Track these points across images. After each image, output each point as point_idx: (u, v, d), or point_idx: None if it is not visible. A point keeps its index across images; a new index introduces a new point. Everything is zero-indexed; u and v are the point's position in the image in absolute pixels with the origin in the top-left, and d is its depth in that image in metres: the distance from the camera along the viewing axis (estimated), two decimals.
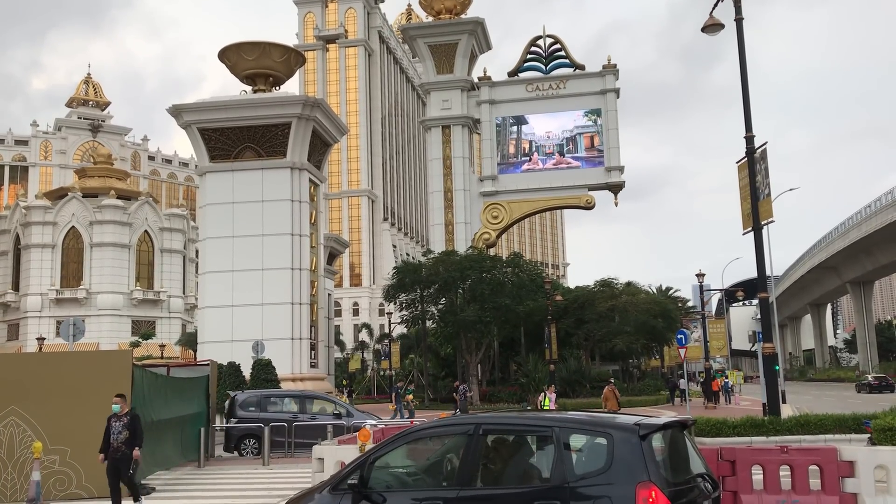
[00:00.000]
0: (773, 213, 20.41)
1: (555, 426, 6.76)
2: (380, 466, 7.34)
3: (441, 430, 7.60)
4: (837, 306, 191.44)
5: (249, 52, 52.58)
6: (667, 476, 6.39)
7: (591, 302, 56.16)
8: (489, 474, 6.99)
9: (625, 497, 6.09)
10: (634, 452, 6.28)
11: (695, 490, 6.69)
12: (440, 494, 6.83)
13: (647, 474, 6.16)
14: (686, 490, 6.53)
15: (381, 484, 7.20)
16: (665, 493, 6.11)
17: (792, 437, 19.74)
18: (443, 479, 7.11)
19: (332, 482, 7.51)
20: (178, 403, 20.36)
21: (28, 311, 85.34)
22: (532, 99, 60.42)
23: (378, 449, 7.49)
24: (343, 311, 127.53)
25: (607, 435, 6.52)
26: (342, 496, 7.22)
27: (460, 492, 6.69)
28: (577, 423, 6.96)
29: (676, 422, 7.09)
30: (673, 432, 6.98)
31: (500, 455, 7.17)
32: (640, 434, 6.39)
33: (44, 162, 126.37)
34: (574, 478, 6.41)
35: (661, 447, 6.70)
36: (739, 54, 19.87)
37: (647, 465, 6.22)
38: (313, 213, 52.07)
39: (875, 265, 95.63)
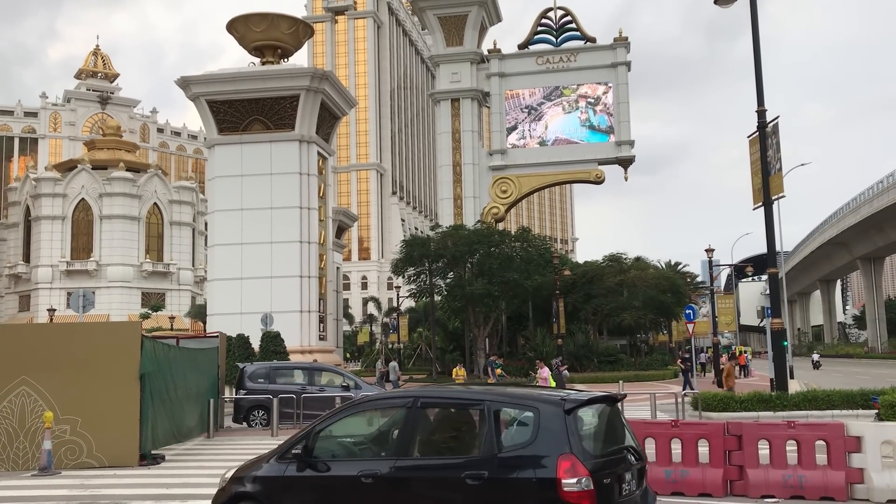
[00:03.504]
0: (783, 188, 20.27)
1: (486, 400, 7.08)
2: (328, 436, 7.75)
3: (381, 403, 8.14)
4: (847, 282, 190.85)
5: (258, 24, 52.25)
6: (590, 448, 6.73)
7: (599, 277, 56.12)
8: (425, 445, 7.37)
9: (547, 467, 6.46)
10: (558, 426, 6.61)
11: (619, 462, 6.98)
12: (378, 463, 7.24)
13: (568, 446, 6.49)
14: (609, 462, 6.84)
15: (328, 453, 7.62)
16: (585, 465, 6.46)
17: (799, 412, 19.79)
18: (384, 449, 7.50)
19: (279, 451, 7.93)
20: (194, 375, 20.50)
21: (39, 283, 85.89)
22: (542, 72, 59.90)
23: (323, 420, 7.92)
24: (351, 284, 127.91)
25: (534, 409, 6.86)
26: (288, 464, 7.69)
27: (396, 461, 7.12)
28: (506, 398, 7.31)
29: (603, 397, 7.40)
30: (601, 407, 7.32)
31: (436, 427, 7.55)
32: (564, 408, 6.72)
33: (53, 134, 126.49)
34: (502, 449, 6.78)
35: (588, 421, 7.06)
36: (753, 28, 19.63)
37: (570, 437, 6.55)
38: (322, 186, 52.01)
39: (886, 241, 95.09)
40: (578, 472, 6.41)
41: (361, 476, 7.19)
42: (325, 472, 7.47)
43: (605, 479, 6.62)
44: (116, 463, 15.38)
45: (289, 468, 7.67)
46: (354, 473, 7.27)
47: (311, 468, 7.53)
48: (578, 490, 6.37)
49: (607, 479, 6.65)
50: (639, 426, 12.23)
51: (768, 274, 21.84)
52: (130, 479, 14.04)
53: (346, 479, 7.33)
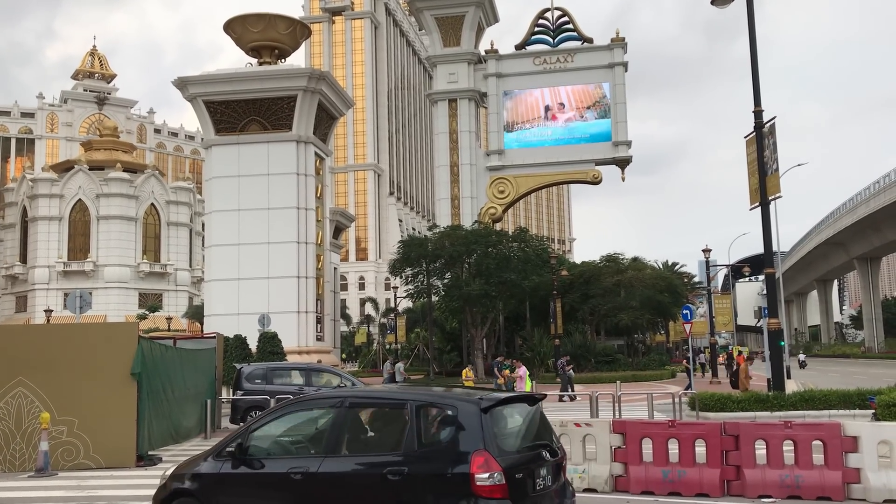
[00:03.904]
0: (780, 188, 20.31)
1: (409, 400, 7.52)
2: (264, 436, 8.12)
3: (312, 404, 8.44)
4: (844, 282, 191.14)
5: (255, 24, 52.24)
6: (504, 445, 7.12)
7: (596, 277, 56.15)
8: (353, 443, 7.74)
9: (462, 463, 6.85)
10: (475, 424, 7.00)
11: (533, 458, 7.38)
12: (308, 461, 7.62)
13: (483, 443, 6.89)
14: (523, 458, 7.26)
15: (263, 451, 7.97)
16: (498, 461, 6.85)
17: (796, 412, 19.81)
18: (315, 447, 7.82)
19: (216, 449, 8.30)
20: (191, 376, 20.47)
21: (35, 284, 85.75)
22: (539, 72, 59.92)
23: (257, 420, 8.33)
24: (349, 285, 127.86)
25: (453, 408, 7.26)
26: (224, 462, 8.04)
27: (325, 458, 7.50)
28: (428, 397, 7.68)
29: (522, 397, 7.93)
30: (521, 406, 7.80)
31: (363, 426, 7.94)
32: (481, 407, 7.12)
33: (50, 134, 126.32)
34: (422, 446, 7.18)
35: (506, 419, 7.47)
36: (749, 29, 19.66)
37: (485, 435, 6.94)
38: (319, 186, 52.00)
39: (883, 241, 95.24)
40: (491, 467, 6.77)
41: (291, 472, 7.55)
42: (259, 469, 7.81)
43: (518, 474, 7.00)
44: (113, 464, 15.37)
45: (224, 465, 8.01)
46: (285, 470, 7.62)
47: (245, 465, 7.87)
48: (490, 484, 6.74)
49: (520, 473, 7.02)
50: (636, 426, 12.24)
51: (765, 274, 21.86)
52: (127, 480, 14.03)
53: (276, 475, 7.68)
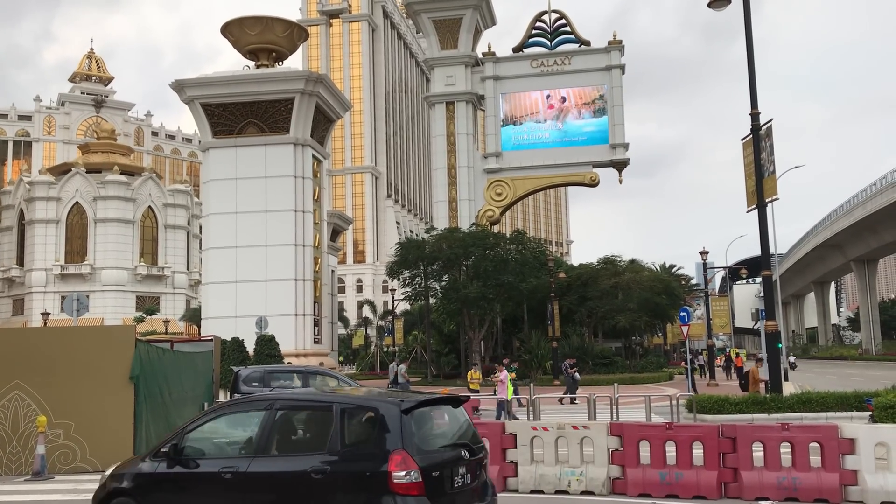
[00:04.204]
0: (777, 190, 20.32)
1: (335, 402, 7.89)
2: (199, 437, 8.42)
3: (244, 406, 8.69)
4: (841, 284, 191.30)
5: (252, 27, 52.26)
6: (423, 445, 7.47)
7: (594, 279, 56.16)
8: (282, 443, 8.05)
9: (382, 461, 7.21)
10: (395, 425, 7.36)
11: (452, 457, 7.74)
12: (239, 460, 7.97)
13: (401, 443, 7.25)
14: (441, 457, 7.63)
15: (198, 452, 8.27)
16: (415, 459, 7.22)
17: (793, 414, 19.83)
18: (246, 447, 8.14)
19: (153, 449, 8.66)
20: (188, 379, 20.43)
21: (33, 287, 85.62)
22: (537, 75, 60.00)
23: (192, 422, 8.66)
24: (346, 287, 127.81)
25: (375, 409, 7.63)
26: (160, 462, 8.38)
27: (254, 458, 7.85)
28: (352, 400, 8.03)
29: (443, 398, 8.28)
30: (442, 408, 8.22)
31: (291, 427, 8.28)
32: (402, 409, 7.48)
33: (47, 137, 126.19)
34: (345, 447, 7.55)
35: (426, 420, 7.84)
36: (746, 32, 19.69)
37: (403, 435, 7.30)
38: (316, 189, 51.99)
39: (880, 243, 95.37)
40: (409, 466, 7.15)
41: (222, 472, 7.91)
42: (193, 468, 8.14)
43: (435, 473, 7.36)
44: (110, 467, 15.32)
45: (160, 465, 8.35)
46: (216, 470, 7.97)
47: (180, 465, 8.21)
48: (407, 482, 7.12)
49: (437, 472, 7.39)
50: (634, 429, 12.24)
51: (762, 276, 21.88)
52: None
53: (209, 474, 8.02)
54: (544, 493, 12.08)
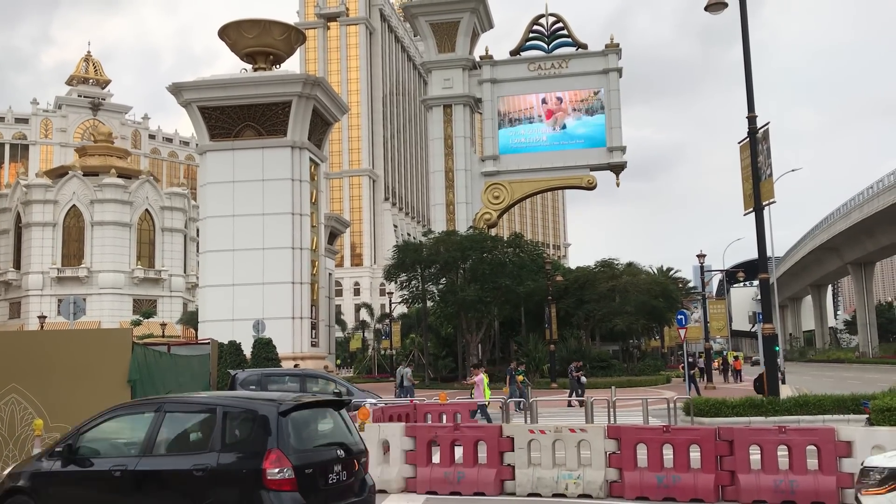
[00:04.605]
0: (774, 193, 20.35)
1: (218, 405, 8.41)
2: (94, 437, 8.81)
3: (136, 409, 9.13)
4: (838, 287, 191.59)
5: (249, 30, 52.25)
6: (298, 444, 8.00)
7: (591, 282, 56.18)
8: (170, 443, 8.51)
9: (258, 459, 7.73)
10: (271, 425, 7.89)
11: (327, 456, 8.31)
12: (129, 459, 8.41)
13: (276, 443, 7.78)
14: (316, 455, 8.19)
15: (93, 451, 8.68)
16: (289, 458, 7.74)
17: (790, 417, 19.83)
18: (137, 447, 8.55)
19: (49, 450, 9.04)
20: (185, 382, 20.38)
21: (29, 290, 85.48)
22: (534, 78, 60.09)
23: (87, 422, 9.05)
24: (344, 290, 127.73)
25: (254, 411, 8.17)
26: (56, 460, 8.75)
27: (142, 457, 8.33)
28: (234, 402, 8.57)
29: (322, 402, 8.88)
30: (321, 410, 8.80)
31: (178, 428, 8.68)
32: (279, 411, 8.00)
33: (44, 140, 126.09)
34: (225, 446, 8.02)
35: (303, 421, 8.37)
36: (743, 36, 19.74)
37: (279, 435, 7.84)
38: (314, 192, 51.97)
39: (876, 246, 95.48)
40: (282, 463, 7.68)
41: (112, 470, 8.34)
42: (86, 467, 8.56)
43: (308, 470, 7.90)
44: None
45: (56, 464, 8.71)
46: (107, 468, 8.39)
47: (74, 464, 8.61)
48: (280, 478, 7.65)
49: (310, 469, 7.93)
50: (631, 432, 12.24)
51: (759, 279, 21.90)
52: None
53: (100, 472, 8.44)
54: (542, 496, 12.07)
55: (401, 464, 12.79)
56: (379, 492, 12.56)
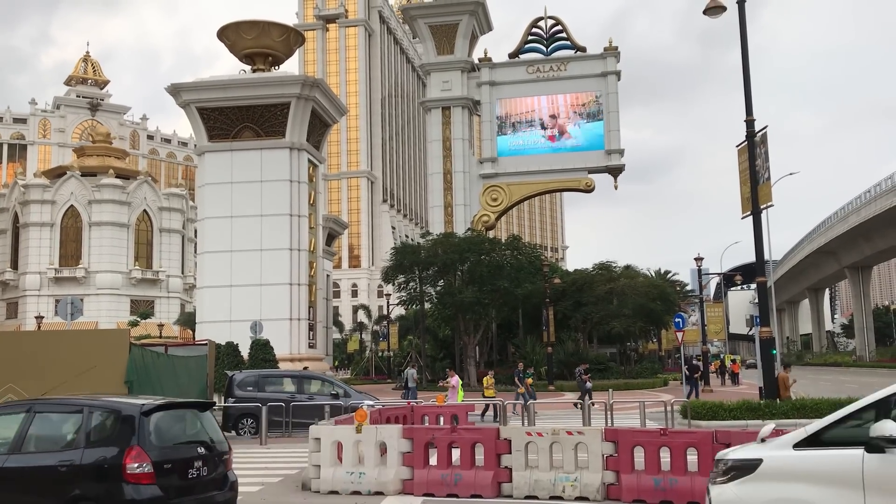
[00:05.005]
0: (772, 197, 20.39)
1: (85, 406, 8.98)
2: None
3: (8, 409, 9.55)
4: (835, 291, 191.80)
5: (248, 31, 52.25)
6: (159, 442, 8.65)
7: (589, 285, 56.19)
8: (38, 441, 8.98)
9: (119, 455, 8.35)
10: (133, 424, 8.54)
11: (187, 453, 8.95)
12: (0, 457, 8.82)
13: (137, 440, 8.42)
14: (177, 452, 8.84)
15: None
16: (149, 454, 8.40)
17: (788, 420, 19.84)
18: (5, 446, 8.95)
19: None
20: (182, 383, 20.38)
21: (27, 290, 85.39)
22: (533, 81, 60.17)
23: None
24: (342, 292, 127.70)
25: (118, 412, 8.77)
26: None
27: (10, 455, 8.80)
28: (100, 403, 9.09)
29: (184, 403, 9.64)
30: (185, 411, 9.48)
31: (47, 427, 9.15)
32: (141, 411, 8.65)
33: (42, 140, 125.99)
34: (90, 443, 8.59)
35: (166, 421, 9.00)
36: (742, 39, 19.78)
37: (140, 433, 8.48)
38: (312, 193, 51.97)
39: (874, 250, 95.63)
40: (142, 459, 8.32)
41: None
42: None
43: (168, 465, 8.55)
44: None
45: None
46: None
47: None
48: (140, 472, 8.28)
49: (170, 465, 8.58)
50: (628, 434, 12.25)
51: (757, 283, 21.94)
52: None
53: None
54: (539, 498, 12.07)
55: (398, 466, 12.79)
56: (376, 493, 12.60)
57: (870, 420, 6.30)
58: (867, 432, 6.16)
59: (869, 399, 6.63)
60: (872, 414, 6.39)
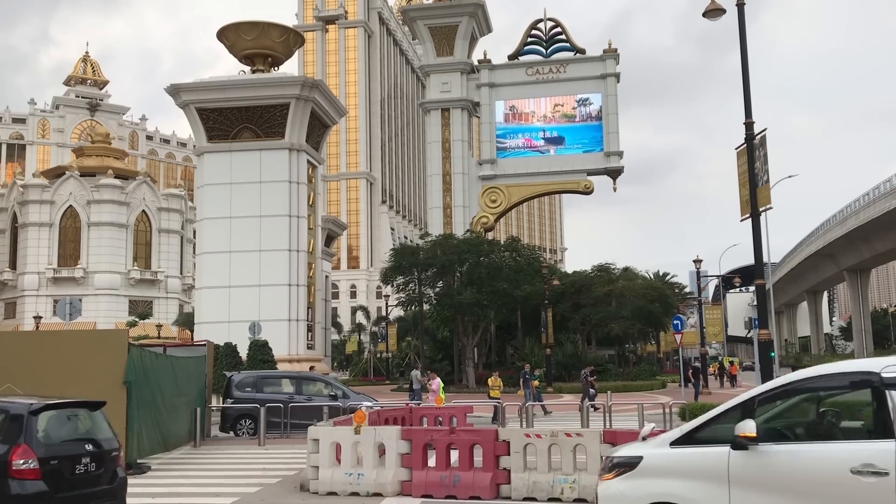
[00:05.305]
0: (771, 199, 20.37)
1: None
2: None
3: None
4: (834, 294, 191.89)
5: (248, 32, 52.28)
6: (45, 440, 9.09)
7: (587, 287, 56.20)
8: None
9: (6, 453, 8.73)
10: (21, 423, 8.96)
11: (75, 450, 9.35)
12: None
13: (24, 438, 8.84)
14: (64, 450, 9.26)
15: None
16: (35, 451, 8.80)
17: None
18: None
19: None
20: (181, 384, 20.37)
21: (25, 290, 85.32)
22: (532, 82, 60.18)
23: None
24: (340, 293, 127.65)
25: (6, 410, 9.15)
26: None
27: None
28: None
29: (75, 403, 10.03)
30: (76, 410, 9.92)
31: None
32: (29, 410, 9.07)
33: (41, 140, 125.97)
34: None
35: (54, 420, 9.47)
36: (741, 42, 19.79)
37: (27, 431, 8.91)
38: (311, 194, 51.97)
39: (872, 253, 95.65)
40: (28, 455, 8.73)
41: None
42: None
43: (54, 461, 8.96)
44: None
45: None
46: None
47: None
48: (25, 468, 8.70)
49: (56, 461, 8.99)
50: (627, 436, 12.24)
51: (756, 285, 21.95)
52: None
53: None
54: (537, 500, 12.07)
55: (396, 467, 12.79)
56: (375, 495, 12.60)
57: (736, 420, 6.70)
58: (733, 431, 6.59)
59: (736, 400, 7.06)
60: (738, 414, 6.80)
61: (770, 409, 6.94)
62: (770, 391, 6.91)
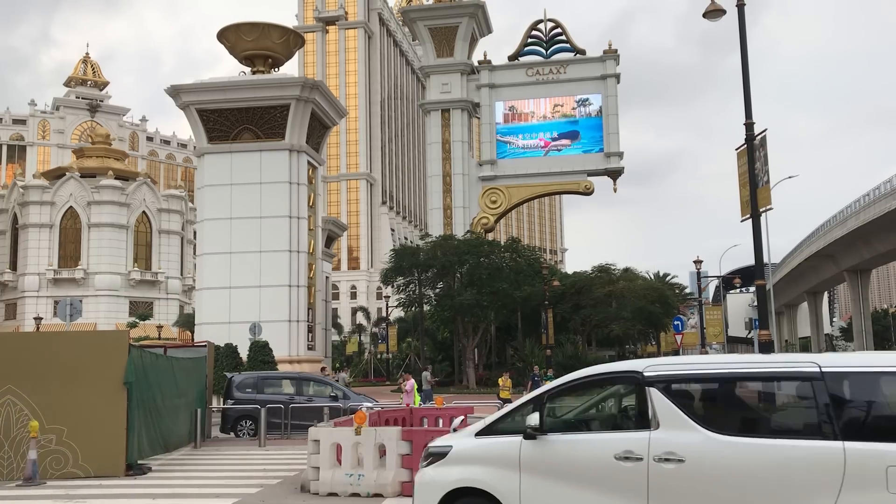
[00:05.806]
0: (771, 200, 20.38)
1: None
2: None
3: None
4: (834, 294, 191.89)
5: (248, 33, 52.31)
6: None
7: (588, 287, 56.24)
8: None
9: None
10: None
11: None
12: None
13: None
14: None
15: None
16: None
17: None
18: None
19: None
20: (181, 385, 20.37)
21: (25, 291, 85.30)
22: (532, 83, 60.20)
23: None
24: (341, 294, 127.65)
25: None
26: None
27: None
28: None
29: None
30: None
31: None
32: None
33: (42, 141, 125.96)
34: None
35: None
36: (741, 42, 19.80)
37: None
38: (311, 195, 51.99)
39: (873, 254, 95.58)
40: None
41: None
42: None
43: None
44: (102, 473, 15.26)
45: None
46: None
47: None
48: None
49: None
50: None
51: (756, 286, 21.94)
52: (116, 490, 13.94)
53: None
54: None
55: (397, 468, 12.79)
56: (375, 495, 12.61)
57: (529, 413, 7.49)
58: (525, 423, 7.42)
59: (529, 395, 7.91)
60: (531, 408, 7.54)
61: (560, 403, 7.81)
62: (557, 388, 7.69)
